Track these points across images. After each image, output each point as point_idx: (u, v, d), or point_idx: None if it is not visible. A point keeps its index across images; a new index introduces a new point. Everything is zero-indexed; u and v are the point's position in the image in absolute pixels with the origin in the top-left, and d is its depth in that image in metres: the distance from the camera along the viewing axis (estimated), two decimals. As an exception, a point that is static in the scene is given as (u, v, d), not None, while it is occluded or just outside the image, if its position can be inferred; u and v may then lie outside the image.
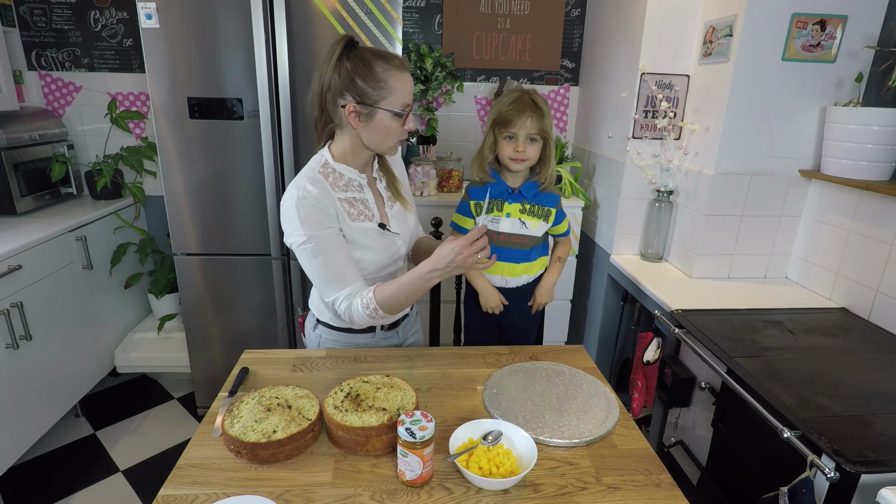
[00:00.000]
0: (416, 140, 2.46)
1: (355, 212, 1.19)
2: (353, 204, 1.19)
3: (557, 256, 1.62)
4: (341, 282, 1.15)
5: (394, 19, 1.86)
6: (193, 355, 2.24)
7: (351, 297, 1.15)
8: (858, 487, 0.96)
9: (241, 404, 1.02)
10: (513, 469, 0.91)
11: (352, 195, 1.20)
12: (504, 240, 1.51)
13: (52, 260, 2.00)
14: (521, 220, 1.50)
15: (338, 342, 1.35)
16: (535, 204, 1.51)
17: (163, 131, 1.94)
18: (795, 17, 1.61)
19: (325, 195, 1.14)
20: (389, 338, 1.38)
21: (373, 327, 1.32)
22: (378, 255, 1.23)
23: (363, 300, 1.13)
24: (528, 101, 1.41)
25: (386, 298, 1.12)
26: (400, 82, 1.12)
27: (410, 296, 1.13)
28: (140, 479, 2.00)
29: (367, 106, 1.11)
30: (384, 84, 1.10)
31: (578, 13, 2.55)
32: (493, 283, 1.58)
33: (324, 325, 1.35)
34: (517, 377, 1.22)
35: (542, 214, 1.51)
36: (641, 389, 1.73)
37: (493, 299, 1.57)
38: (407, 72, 1.14)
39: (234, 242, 2.09)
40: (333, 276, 1.15)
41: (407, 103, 1.14)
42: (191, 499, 0.86)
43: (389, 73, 1.11)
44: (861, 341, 1.46)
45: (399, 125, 1.15)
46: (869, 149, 1.54)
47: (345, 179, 1.20)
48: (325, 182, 1.16)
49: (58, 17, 2.39)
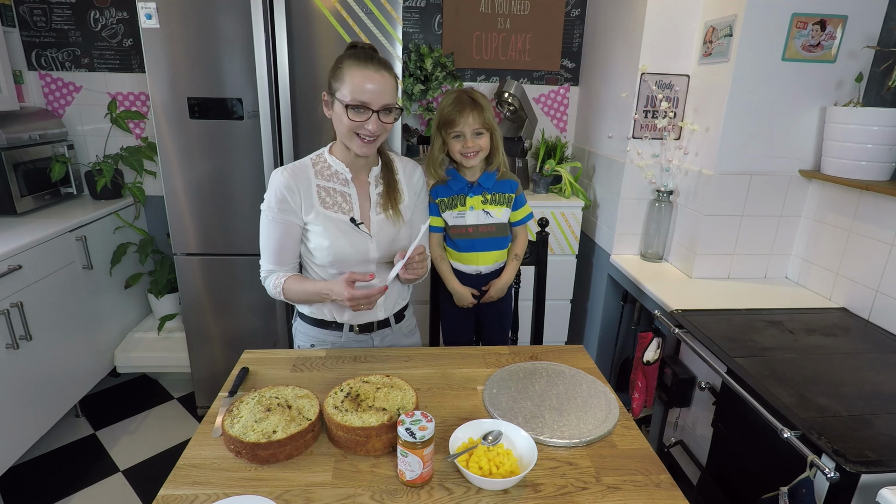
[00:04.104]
0: (416, 140, 2.46)
1: (331, 200, 1.27)
2: (329, 193, 1.27)
3: (514, 254, 1.63)
4: (275, 258, 1.30)
5: (394, 19, 1.86)
6: (193, 355, 2.24)
7: (269, 274, 1.32)
8: (858, 487, 0.96)
9: (241, 404, 1.02)
10: (513, 469, 0.91)
11: (333, 185, 1.28)
12: (472, 231, 1.56)
13: (52, 260, 2.00)
14: (484, 210, 1.56)
15: (307, 335, 1.40)
16: (496, 192, 1.56)
17: (163, 131, 1.94)
18: (795, 17, 1.61)
19: (298, 181, 1.25)
20: (361, 341, 1.40)
21: (340, 327, 1.37)
22: (344, 245, 1.27)
23: (275, 280, 1.30)
24: (467, 99, 1.46)
25: (290, 292, 1.29)
26: (353, 76, 1.14)
27: (308, 300, 1.33)
28: (140, 479, 2.00)
29: (331, 95, 1.20)
30: (341, 75, 1.16)
31: (578, 13, 2.55)
32: (468, 272, 1.61)
33: (300, 318, 1.40)
34: (517, 377, 1.22)
35: (503, 201, 1.57)
36: (641, 389, 1.73)
37: (465, 298, 1.61)
38: (368, 70, 1.14)
39: (234, 242, 2.09)
40: (270, 249, 1.30)
41: (359, 99, 1.14)
42: (191, 499, 0.86)
43: (348, 65, 1.16)
44: (861, 341, 1.46)
45: (352, 119, 1.16)
46: (869, 149, 1.54)
47: (332, 170, 1.28)
48: (310, 169, 1.27)
49: (58, 17, 2.39)
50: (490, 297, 1.63)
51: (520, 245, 1.64)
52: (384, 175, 1.33)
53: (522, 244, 1.65)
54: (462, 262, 1.60)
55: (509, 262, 1.64)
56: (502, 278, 1.62)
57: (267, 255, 1.31)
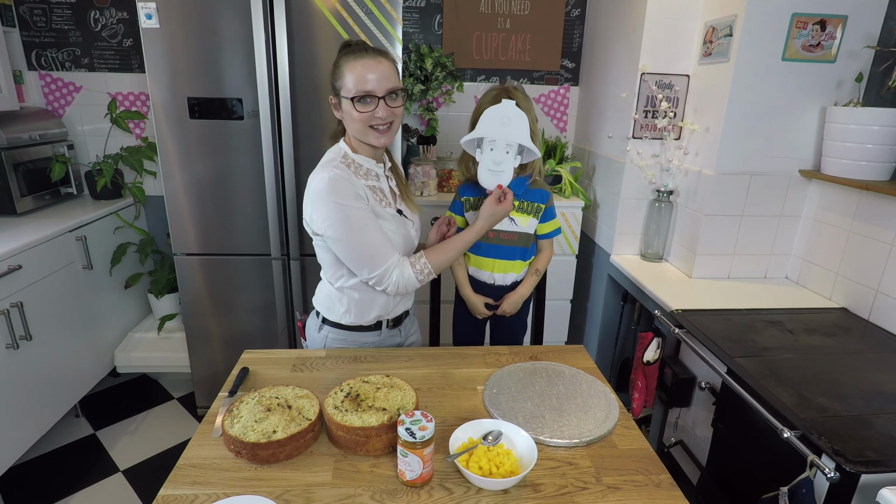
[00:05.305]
0: (416, 140, 2.46)
1: (377, 198, 1.26)
2: (374, 191, 1.26)
3: (535, 269, 1.58)
4: (387, 252, 1.20)
5: (394, 19, 1.86)
6: (193, 355, 2.24)
7: (395, 267, 1.21)
8: (858, 487, 0.96)
9: (241, 404, 1.02)
10: (513, 469, 0.91)
11: (372, 183, 1.26)
12: (493, 237, 1.51)
13: (52, 260, 2.00)
14: (509, 216, 1.50)
15: (345, 342, 1.36)
16: (525, 200, 1.50)
17: (163, 131, 1.94)
18: (795, 17, 1.61)
19: (354, 178, 1.20)
20: (393, 336, 1.40)
21: (379, 325, 1.35)
22: (399, 238, 1.27)
23: (415, 267, 1.22)
24: None
25: (440, 264, 1.25)
26: (352, 68, 1.15)
27: (457, 252, 1.28)
28: (140, 479, 2.00)
29: (336, 96, 1.20)
30: (341, 73, 1.16)
31: (578, 13, 2.55)
32: (481, 278, 1.57)
33: (331, 325, 1.35)
34: (517, 377, 1.22)
35: (531, 211, 1.51)
36: (641, 389, 1.73)
37: (478, 307, 1.58)
38: (365, 59, 1.14)
39: (234, 242, 2.09)
40: (376, 247, 1.19)
41: (362, 89, 1.14)
42: (191, 499, 0.86)
43: (345, 62, 1.16)
44: (861, 341, 1.46)
45: (361, 111, 1.16)
46: (869, 149, 1.54)
47: (364, 169, 1.26)
48: (348, 170, 1.21)
49: (58, 17, 2.39)
50: (504, 311, 1.57)
51: (543, 260, 1.58)
52: (393, 169, 1.36)
53: (546, 260, 1.58)
54: (477, 266, 1.56)
55: (528, 275, 1.57)
56: (517, 291, 1.55)
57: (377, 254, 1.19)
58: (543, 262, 1.59)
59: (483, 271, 1.56)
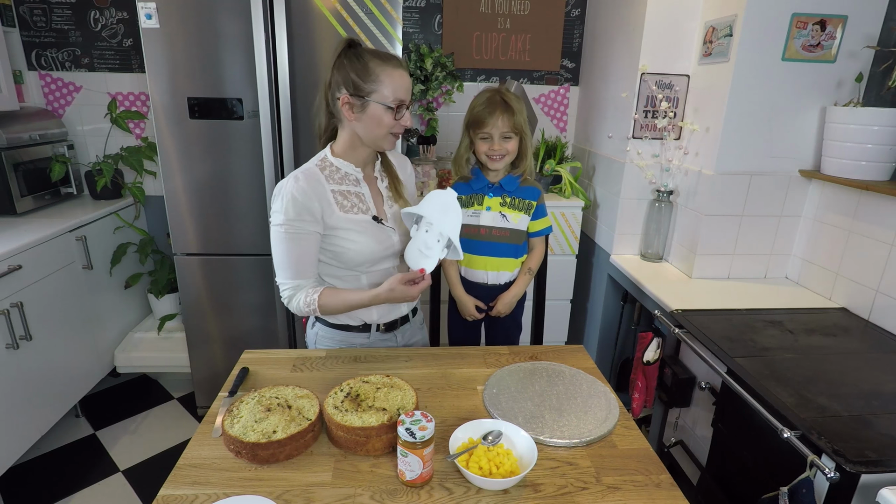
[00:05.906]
0: (416, 140, 2.46)
1: (348, 204, 1.25)
2: (346, 196, 1.25)
3: (528, 268, 1.58)
4: (299, 272, 1.23)
5: (394, 19, 1.86)
6: (193, 355, 2.24)
7: (296, 290, 1.23)
8: (858, 487, 0.96)
9: (241, 404, 1.02)
10: (513, 469, 0.91)
11: (346, 188, 1.26)
12: (485, 233, 1.52)
13: (52, 260, 2.00)
14: (501, 213, 1.51)
15: (332, 339, 1.37)
16: (516, 197, 1.52)
17: (163, 131, 1.94)
18: (795, 17, 1.61)
19: (314, 188, 1.20)
20: (385, 340, 1.39)
21: (368, 327, 1.35)
22: (369, 244, 1.26)
23: (306, 297, 1.22)
24: (499, 100, 1.42)
25: (328, 307, 1.23)
26: (391, 77, 1.16)
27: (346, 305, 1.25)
28: (140, 479, 2.00)
29: (359, 98, 1.17)
30: (375, 77, 1.16)
31: (578, 13, 2.55)
32: (475, 278, 1.57)
33: (321, 323, 1.37)
34: (517, 377, 1.22)
35: (522, 207, 1.52)
36: (641, 389, 1.73)
37: (468, 308, 1.57)
38: (401, 69, 1.19)
39: (234, 242, 2.09)
40: (293, 264, 1.22)
41: (400, 98, 1.18)
42: (191, 499, 0.86)
43: (381, 69, 1.16)
44: (861, 341, 1.46)
45: (391, 119, 1.19)
46: (869, 149, 1.54)
47: (341, 173, 1.26)
48: (319, 175, 1.22)
49: (58, 17, 2.39)
50: (498, 311, 1.57)
51: (535, 259, 1.59)
52: (385, 167, 1.35)
53: (538, 258, 1.59)
54: (469, 265, 1.56)
55: (521, 275, 1.57)
56: (511, 291, 1.56)
57: (289, 271, 1.22)
58: (535, 261, 1.60)
59: (476, 270, 1.57)
